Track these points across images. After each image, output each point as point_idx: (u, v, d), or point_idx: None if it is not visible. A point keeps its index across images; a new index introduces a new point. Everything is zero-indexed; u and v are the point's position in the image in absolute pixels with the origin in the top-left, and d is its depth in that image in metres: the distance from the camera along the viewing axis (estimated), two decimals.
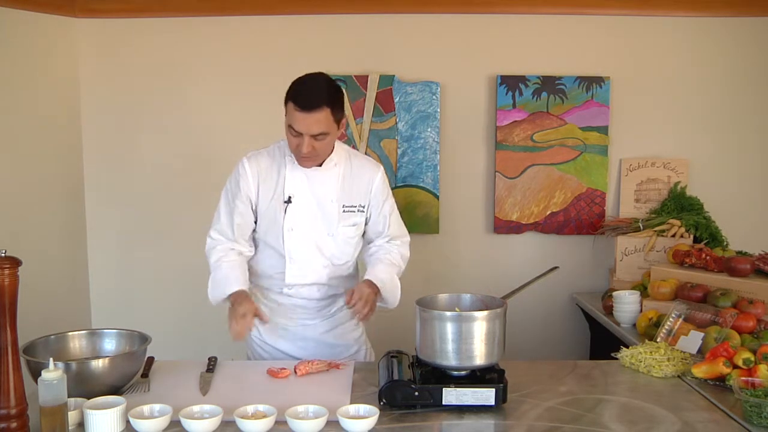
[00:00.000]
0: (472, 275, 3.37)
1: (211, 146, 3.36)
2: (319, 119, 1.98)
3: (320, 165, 2.14)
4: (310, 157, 2.06)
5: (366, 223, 2.25)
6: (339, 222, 2.17)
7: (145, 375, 1.94)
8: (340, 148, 2.20)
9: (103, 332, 2.00)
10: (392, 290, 2.19)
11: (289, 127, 2.02)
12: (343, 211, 2.17)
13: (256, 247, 2.24)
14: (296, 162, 2.12)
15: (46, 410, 1.48)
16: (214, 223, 2.21)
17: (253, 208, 2.17)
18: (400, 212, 2.33)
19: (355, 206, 2.19)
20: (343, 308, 2.28)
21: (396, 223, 2.29)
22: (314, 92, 2.00)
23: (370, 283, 2.12)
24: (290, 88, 2.04)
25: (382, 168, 2.26)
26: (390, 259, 2.22)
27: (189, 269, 3.43)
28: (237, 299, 2.05)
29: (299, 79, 2.05)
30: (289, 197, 2.14)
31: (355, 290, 2.07)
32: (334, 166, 2.16)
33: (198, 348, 3.24)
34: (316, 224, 2.15)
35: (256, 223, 2.20)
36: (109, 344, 1.97)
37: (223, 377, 1.95)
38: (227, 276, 2.11)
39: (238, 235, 2.17)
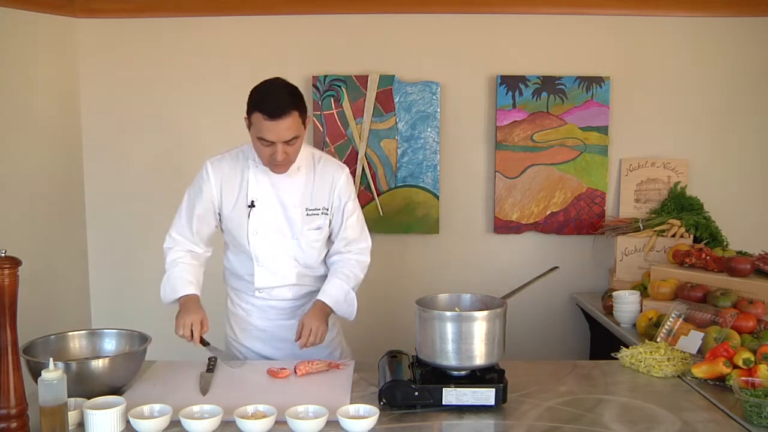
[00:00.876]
0: (472, 275, 3.37)
1: (211, 146, 3.35)
2: (288, 125, 1.97)
3: None
4: (284, 163, 2.06)
5: (329, 225, 2.23)
6: (303, 225, 2.16)
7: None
8: (305, 151, 2.19)
9: (103, 332, 2.00)
10: (347, 307, 2.19)
11: (260, 138, 2.00)
12: (307, 214, 2.17)
13: (227, 249, 2.27)
14: (263, 168, 2.12)
15: (46, 410, 1.48)
16: (174, 223, 2.23)
17: (217, 211, 2.19)
18: (400, 212, 2.32)
19: (319, 209, 2.18)
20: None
21: (354, 227, 2.24)
22: (280, 98, 1.98)
23: (320, 307, 2.13)
24: (252, 97, 2.03)
25: (346, 170, 2.24)
26: (346, 273, 2.20)
27: None
28: (186, 304, 2.08)
29: (260, 87, 2.04)
30: (252, 201, 2.15)
31: (302, 325, 2.08)
32: (297, 170, 2.15)
33: (198, 348, 3.24)
34: (281, 228, 2.16)
35: (219, 226, 2.23)
36: (109, 344, 1.98)
37: (223, 377, 1.95)
38: (180, 278, 2.13)
39: (197, 238, 2.20)
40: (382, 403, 1.71)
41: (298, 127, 2.01)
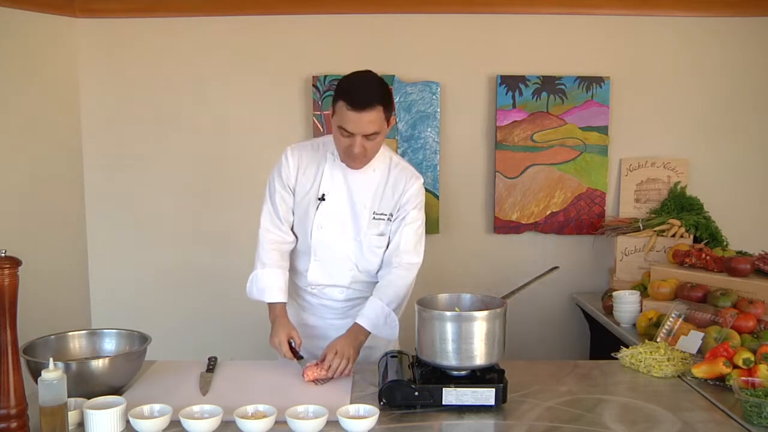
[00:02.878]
0: (472, 275, 3.36)
1: (211, 146, 3.36)
2: (372, 119, 1.91)
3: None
4: (361, 157, 2.01)
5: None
6: (368, 228, 2.11)
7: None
8: (383, 154, 2.13)
9: (103, 332, 2.00)
10: (388, 330, 2.09)
11: (340, 128, 1.95)
12: (373, 218, 2.11)
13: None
14: (341, 161, 2.07)
15: (46, 410, 1.48)
16: (263, 213, 2.16)
17: (293, 196, 2.15)
18: None
19: (385, 214, 2.12)
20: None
21: (409, 239, 2.13)
22: (367, 90, 1.93)
23: (355, 333, 2.03)
24: (340, 85, 1.97)
25: (421, 180, 2.16)
26: (387, 294, 2.09)
27: (189, 269, 3.44)
28: (277, 318, 2.07)
29: (349, 76, 1.99)
30: (323, 195, 2.10)
31: (331, 350, 1.96)
32: (372, 171, 2.11)
33: (198, 348, 3.24)
34: (345, 226, 2.12)
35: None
36: (109, 344, 1.98)
37: (223, 377, 1.95)
38: (271, 284, 2.10)
39: (285, 225, 2.15)
40: (382, 403, 1.71)
41: (380, 123, 1.95)
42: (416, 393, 1.70)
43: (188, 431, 1.55)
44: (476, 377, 1.75)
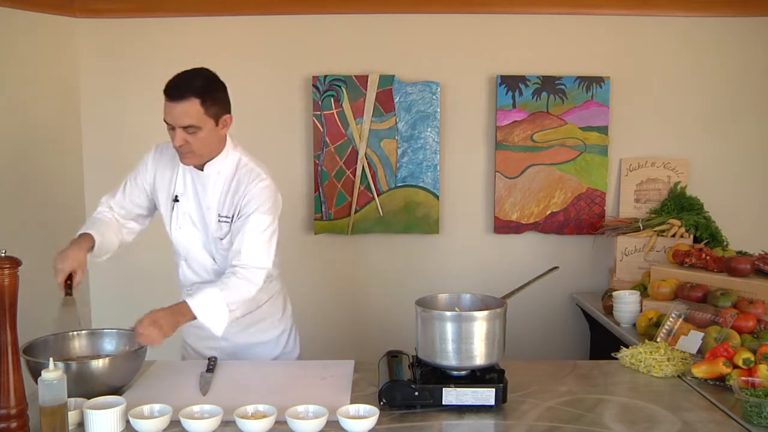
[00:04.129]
0: (472, 275, 3.36)
1: None
2: (185, 110, 1.93)
3: (202, 169, 2.09)
4: (185, 152, 2.00)
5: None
6: (215, 231, 2.12)
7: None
8: (232, 156, 2.10)
9: (103, 332, 2.00)
10: (213, 317, 1.95)
11: (165, 120, 1.99)
12: (219, 220, 2.11)
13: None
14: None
15: (46, 410, 1.48)
16: (110, 193, 2.23)
17: (149, 195, 2.20)
18: (400, 212, 2.29)
19: (229, 217, 2.09)
20: (261, 306, 2.22)
21: (252, 243, 2.01)
22: (184, 82, 1.96)
23: (178, 309, 1.94)
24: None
25: (266, 181, 2.06)
26: (227, 284, 1.98)
27: None
28: (73, 241, 2.05)
29: (176, 74, 2.03)
30: (176, 196, 2.14)
31: (149, 318, 1.89)
32: (217, 174, 2.09)
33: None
34: (200, 227, 2.14)
35: (148, 213, 2.25)
36: (110, 344, 1.98)
37: (223, 377, 1.95)
38: (88, 223, 2.13)
39: (124, 210, 2.19)
40: (382, 403, 1.71)
41: (197, 117, 1.94)
42: (416, 393, 1.70)
43: (188, 431, 1.55)
44: (476, 377, 1.75)
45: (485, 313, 1.72)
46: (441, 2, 3.25)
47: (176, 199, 2.14)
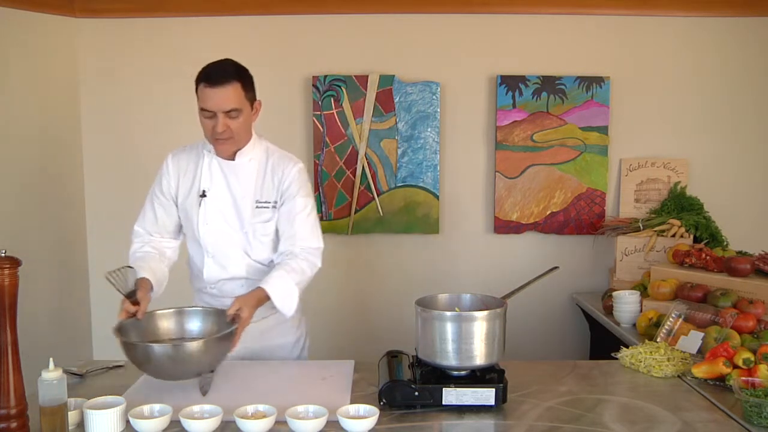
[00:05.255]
0: (472, 275, 3.37)
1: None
2: (229, 94, 1.98)
3: (234, 159, 2.12)
4: (226, 138, 2.04)
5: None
6: (252, 218, 2.13)
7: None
8: (260, 144, 2.18)
9: (187, 311, 2.01)
10: (286, 300, 2.04)
11: (202, 110, 2.02)
12: (256, 206, 2.14)
13: (188, 247, 2.25)
14: (214, 152, 2.12)
15: (46, 410, 1.48)
16: (138, 218, 2.24)
17: (176, 204, 2.19)
18: (400, 212, 2.29)
19: (269, 202, 2.14)
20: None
21: (304, 225, 2.13)
22: (222, 68, 2.02)
23: (257, 294, 1.99)
24: (198, 74, 2.05)
25: (300, 164, 2.18)
26: (292, 266, 2.07)
27: (189, 269, 3.43)
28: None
29: (206, 65, 2.07)
30: (204, 191, 2.14)
31: (234, 301, 1.94)
32: (249, 161, 2.14)
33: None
34: (230, 219, 2.14)
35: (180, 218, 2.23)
36: (194, 324, 1.98)
37: (223, 377, 1.95)
38: (134, 266, 2.08)
39: (161, 229, 2.20)
40: (382, 403, 1.71)
41: (240, 100, 2.01)
42: (416, 393, 1.70)
43: (188, 431, 1.55)
44: (476, 377, 1.75)
45: (485, 313, 1.72)
46: (441, 2, 3.25)
47: (203, 194, 2.14)
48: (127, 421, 1.59)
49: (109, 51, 3.33)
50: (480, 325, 1.71)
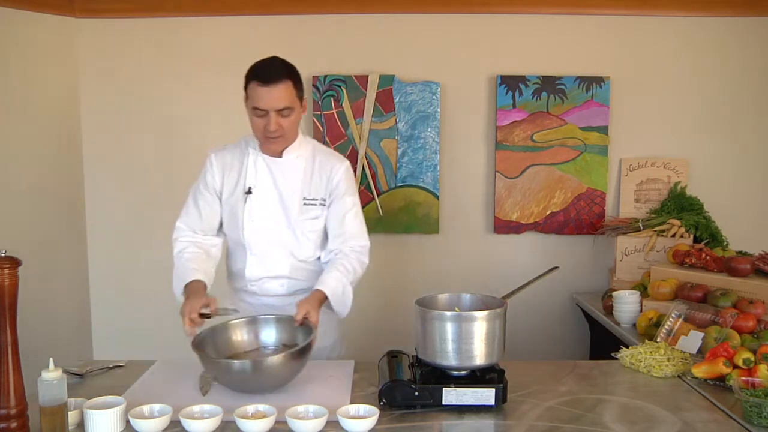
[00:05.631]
0: (472, 275, 3.36)
1: (212, 146, 3.34)
2: (281, 93, 1.99)
3: (281, 156, 2.13)
4: (277, 137, 2.05)
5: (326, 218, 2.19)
6: (299, 215, 2.14)
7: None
8: (306, 141, 2.19)
9: (260, 319, 2.02)
10: (342, 301, 2.11)
11: (254, 109, 2.02)
12: (304, 204, 2.14)
13: (228, 246, 2.25)
14: (262, 149, 2.13)
15: (46, 410, 1.48)
16: (181, 214, 2.23)
17: (220, 200, 2.19)
18: (400, 212, 2.29)
19: (317, 200, 2.15)
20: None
21: (353, 224, 2.17)
22: (273, 66, 2.04)
23: (317, 296, 2.02)
24: (249, 70, 2.06)
25: (347, 163, 2.20)
26: (346, 266, 2.12)
27: None
28: (189, 293, 2.01)
29: (257, 62, 2.08)
30: (249, 188, 2.14)
31: (299, 306, 1.96)
32: (296, 158, 2.15)
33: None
34: (276, 216, 2.14)
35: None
36: (268, 335, 1.99)
37: None
38: (185, 267, 2.11)
39: (205, 226, 2.20)
40: (382, 403, 1.71)
41: (291, 99, 2.02)
42: (416, 393, 1.70)
43: (188, 431, 1.55)
44: (476, 377, 1.75)
45: (485, 313, 1.72)
46: (441, 2, 3.25)
47: (249, 192, 2.14)
48: (127, 421, 1.59)
49: (109, 51, 3.33)
50: (480, 325, 1.71)
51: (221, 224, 2.23)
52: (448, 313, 1.73)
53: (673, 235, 3.07)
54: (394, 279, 3.39)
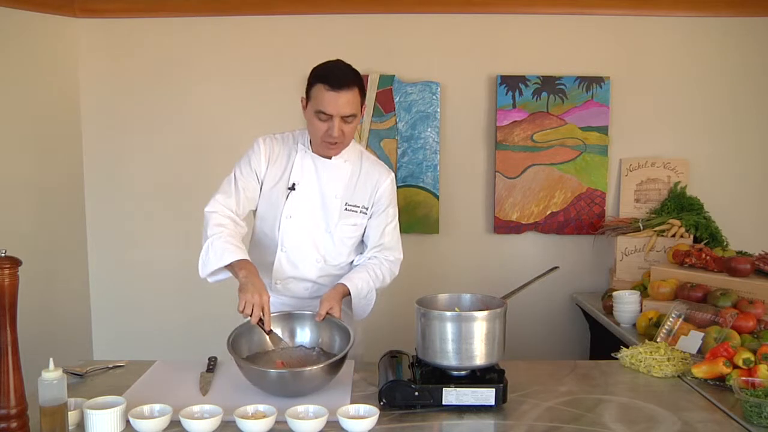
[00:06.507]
0: (472, 275, 3.37)
1: (212, 146, 3.36)
2: (349, 99, 1.96)
3: (329, 157, 2.11)
4: (338, 142, 2.02)
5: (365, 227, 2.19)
6: (339, 219, 2.12)
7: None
8: (354, 147, 2.17)
9: (297, 315, 2.01)
10: (364, 303, 2.11)
11: (318, 112, 1.97)
12: (345, 209, 2.13)
13: (252, 241, 2.22)
14: (315, 151, 2.09)
15: (46, 410, 1.48)
16: (221, 189, 2.09)
17: (260, 187, 2.13)
18: (400, 212, 2.29)
19: (359, 206, 2.14)
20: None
21: (392, 236, 2.19)
22: (343, 71, 1.99)
23: (340, 290, 2.02)
24: (315, 72, 2.01)
25: (392, 174, 2.20)
26: (375, 271, 2.13)
27: (189, 268, 3.43)
28: (248, 276, 1.88)
29: (324, 63, 2.03)
30: (294, 184, 2.10)
31: (323, 302, 1.97)
32: (344, 162, 2.13)
33: (198, 348, 3.24)
34: (316, 217, 2.12)
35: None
36: (304, 333, 1.99)
37: (223, 377, 1.95)
38: (230, 243, 1.95)
39: (239, 209, 2.08)
40: (382, 403, 1.71)
41: (357, 105, 1.99)
42: (416, 393, 1.70)
43: (188, 431, 1.55)
44: (476, 377, 1.75)
45: (485, 313, 1.72)
46: (441, 2, 3.25)
47: (292, 188, 2.10)
48: (127, 421, 1.59)
49: (109, 51, 3.33)
50: (480, 325, 1.71)
51: (252, 210, 2.17)
52: (448, 313, 1.73)
53: (673, 235, 3.07)
54: (394, 279, 3.38)
